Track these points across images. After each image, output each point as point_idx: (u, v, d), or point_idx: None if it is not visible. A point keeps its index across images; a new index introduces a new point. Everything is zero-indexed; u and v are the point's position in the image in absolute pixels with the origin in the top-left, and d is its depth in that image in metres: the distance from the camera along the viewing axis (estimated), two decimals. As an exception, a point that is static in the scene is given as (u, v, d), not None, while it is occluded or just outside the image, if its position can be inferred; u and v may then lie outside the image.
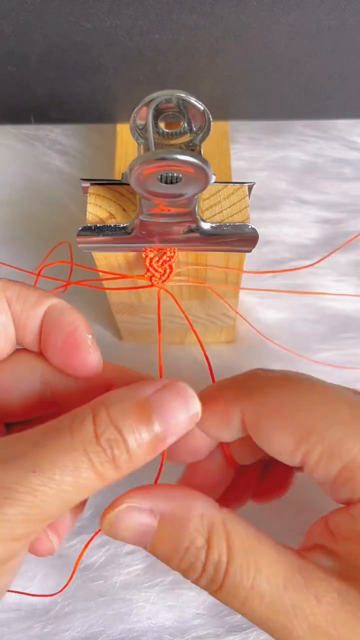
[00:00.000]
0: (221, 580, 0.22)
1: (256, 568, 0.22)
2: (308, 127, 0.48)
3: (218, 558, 0.22)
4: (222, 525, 0.23)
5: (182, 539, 0.23)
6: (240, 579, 0.22)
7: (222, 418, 0.26)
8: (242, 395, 0.25)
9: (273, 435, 0.24)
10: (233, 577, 0.22)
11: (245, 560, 0.22)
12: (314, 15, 0.33)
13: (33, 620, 0.35)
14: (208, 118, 0.27)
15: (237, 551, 0.23)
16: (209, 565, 0.23)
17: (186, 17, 0.33)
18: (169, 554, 0.23)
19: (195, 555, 0.23)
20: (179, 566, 0.23)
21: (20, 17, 0.33)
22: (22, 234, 0.46)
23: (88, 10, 0.32)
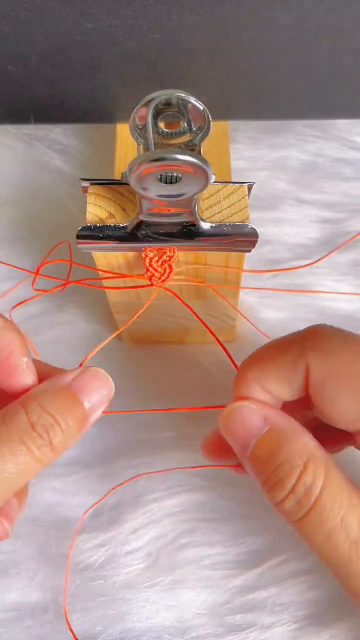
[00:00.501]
0: (310, 506, 0.23)
1: (350, 504, 0.23)
2: (308, 127, 0.48)
3: (312, 482, 0.23)
4: (323, 458, 0.24)
5: (282, 452, 0.23)
6: (332, 509, 0.22)
7: (285, 372, 0.25)
8: (309, 350, 0.25)
9: (339, 397, 0.24)
10: (324, 506, 0.22)
11: (340, 494, 0.23)
12: (314, 15, 0.33)
13: (33, 620, 0.35)
14: (208, 118, 0.27)
15: (333, 483, 0.23)
16: (300, 487, 0.23)
17: (186, 17, 0.33)
18: (265, 462, 0.24)
19: (288, 472, 0.23)
20: (268, 480, 0.23)
21: (20, 17, 0.33)
22: (22, 234, 0.46)
23: (88, 10, 0.32)
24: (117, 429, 0.40)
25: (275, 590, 0.35)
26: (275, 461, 0.23)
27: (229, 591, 0.36)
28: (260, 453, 0.24)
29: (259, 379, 0.26)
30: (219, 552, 0.37)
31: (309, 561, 0.36)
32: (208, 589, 0.36)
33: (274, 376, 0.26)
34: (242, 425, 0.25)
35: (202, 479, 0.38)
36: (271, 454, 0.24)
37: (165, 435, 0.40)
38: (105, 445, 0.40)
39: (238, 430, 0.25)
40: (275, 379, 0.26)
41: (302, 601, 0.35)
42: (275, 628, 0.35)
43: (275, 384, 0.26)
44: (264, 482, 0.24)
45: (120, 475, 0.39)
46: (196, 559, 0.36)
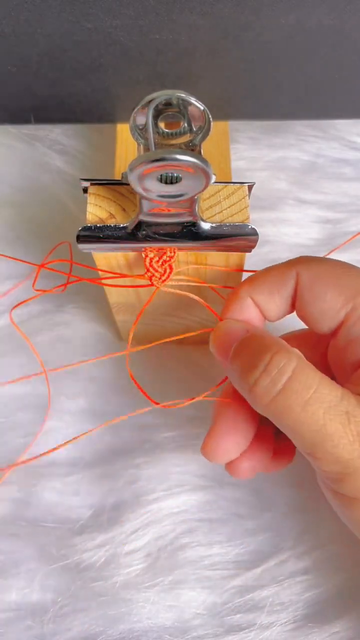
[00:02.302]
0: (284, 382, 0.25)
1: (321, 378, 0.25)
2: (308, 127, 0.48)
3: (285, 362, 0.25)
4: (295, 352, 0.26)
5: (257, 342, 0.27)
6: (306, 382, 0.25)
7: (277, 281, 0.28)
8: (299, 263, 0.29)
9: (325, 293, 0.28)
10: (298, 380, 0.25)
11: (312, 371, 0.25)
12: (314, 15, 0.33)
13: (33, 620, 0.35)
14: (208, 118, 0.27)
15: (305, 364, 0.26)
16: (273, 365, 0.25)
17: (186, 17, 0.33)
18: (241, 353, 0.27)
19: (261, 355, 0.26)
20: (244, 366, 0.26)
21: (20, 17, 0.33)
22: (23, 234, 0.46)
23: (88, 10, 0.32)
24: (117, 429, 0.40)
25: (274, 590, 0.35)
26: (252, 349, 0.26)
27: (228, 591, 0.36)
28: (238, 348, 0.27)
29: (251, 291, 0.29)
30: (218, 552, 0.37)
31: (307, 561, 0.36)
32: (208, 588, 0.36)
33: (265, 288, 0.29)
34: (226, 335, 0.28)
35: (202, 479, 0.38)
36: (247, 345, 0.27)
37: (165, 435, 0.40)
38: (105, 445, 0.40)
39: (223, 339, 0.28)
40: (266, 291, 0.29)
41: (301, 600, 0.35)
42: (275, 627, 0.35)
43: (265, 296, 0.29)
44: (240, 370, 0.26)
45: (120, 475, 0.39)
46: (196, 559, 0.37)
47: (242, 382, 0.26)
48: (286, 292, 0.29)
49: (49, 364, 0.41)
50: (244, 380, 0.26)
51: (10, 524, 0.38)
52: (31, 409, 0.41)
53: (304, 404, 0.25)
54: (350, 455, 0.24)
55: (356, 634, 0.34)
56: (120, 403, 0.41)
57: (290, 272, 0.28)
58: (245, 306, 0.29)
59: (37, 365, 0.40)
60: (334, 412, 0.25)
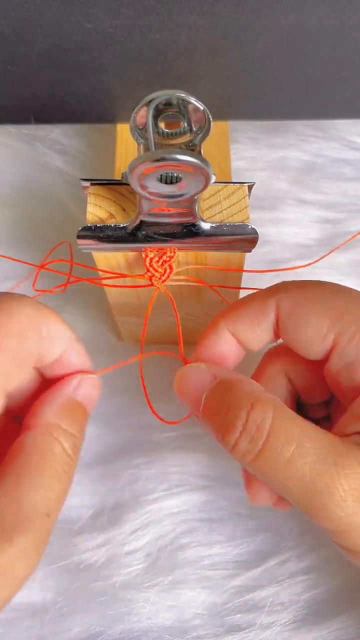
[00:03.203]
0: (264, 440, 0.24)
1: (301, 432, 0.24)
2: (308, 127, 0.48)
3: (262, 418, 0.24)
4: (270, 398, 0.25)
5: (229, 397, 0.25)
6: (286, 438, 0.23)
7: (257, 312, 0.27)
8: (279, 291, 0.27)
9: (309, 318, 0.26)
10: (277, 436, 0.23)
11: (291, 423, 0.24)
12: (314, 15, 0.33)
13: (33, 620, 0.35)
14: (208, 118, 0.27)
15: (283, 416, 0.24)
16: (250, 424, 0.24)
17: (186, 17, 0.33)
18: (214, 410, 0.25)
19: (237, 413, 0.24)
20: (220, 426, 0.25)
21: (20, 17, 0.33)
22: (22, 234, 0.46)
23: (88, 10, 0.32)
24: (117, 429, 0.40)
25: (274, 590, 0.35)
26: (224, 406, 0.25)
27: (228, 591, 0.36)
28: (209, 403, 0.26)
29: (230, 323, 0.28)
30: (218, 552, 0.37)
31: (307, 561, 0.36)
32: (207, 588, 0.36)
33: (245, 320, 0.28)
34: (192, 383, 0.27)
35: (202, 479, 0.38)
36: (219, 401, 0.25)
37: (165, 435, 0.40)
38: (105, 445, 0.40)
39: (190, 388, 0.27)
40: (245, 323, 0.28)
41: (301, 600, 0.35)
42: (275, 627, 0.35)
43: (244, 327, 0.28)
44: (217, 430, 0.25)
45: (120, 475, 0.39)
46: (196, 559, 0.36)
47: (219, 442, 0.25)
48: (267, 323, 0.28)
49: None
50: (221, 441, 0.25)
51: (10, 524, 0.38)
52: (31, 409, 0.41)
53: (287, 462, 0.23)
54: (344, 512, 0.23)
55: (356, 634, 0.34)
56: (120, 403, 0.41)
57: (269, 301, 0.27)
58: (223, 339, 0.28)
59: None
60: (320, 466, 0.23)
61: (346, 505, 0.23)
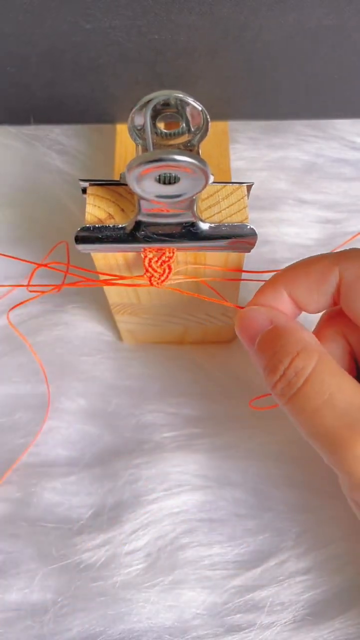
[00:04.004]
0: (299, 385, 0.25)
1: (338, 387, 0.25)
2: (308, 127, 0.48)
3: (302, 366, 0.25)
4: (317, 349, 0.26)
5: (279, 341, 0.27)
6: (320, 388, 0.25)
7: (319, 277, 0.28)
8: (343, 258, 0.28)
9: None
10: (312, 385, 0.25)
11: (329, 377, 0.25)
12: (314, 15, 0.33)
13: (33, 620, 0.35)
14: (206, 118, 0.27)
15: (323, 368, 0.25)
16: (291, 370, 0.25)
17: (185, 17, 0.33)
18: (265, 350, 0.27)
19: (282, 358, 0.26)
20: (266, 366, 0.27)
21: (20, 17, 0.33)
22: (22, 234, 0.46)
23: (87, 11, 0.32)
24: (117, 429, 0.40)
25: (274, 590, 0.35)
26: (273, 348, 0.26)
27: (228, 591, 0.36)
28: (262, 344, 0.27)
29: (288, 285, 0.28)
30: (218, 552, 0.37)
31: (307, 561, 0.36)
32: (208, 588, 0.36)
33: (304, 284, 0.28)
34: (251, 323, 0.28)
35: (202, 479, 0.38)
36: (271, 344, 0.27)
37: (165, 435, 0.40)
38: (105, 445, 0.40)
39: (248, 327, 0.28)
40: (304, 287, 0.28)
41: (301, 600, 0.35)
42: (275, 627, 0.35)
43: (303, 291, 0.28)
44: (264, 367, 0.27)
45: (120, 475, 0.39)
46: (196, 559, 0.37)
47: (266, 378, 0.27)
48: (328, 290, 0.28)
49: (49, 364, 0.41)
50: (267, 378, 0.27)
51: (10, 524, 0.38)
52: (31, 409, 0.41)
53: (314, 410, 0.25)
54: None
55: (357, 633, 0.34)
56: (120, 403, 0.41)
57: (333, 269, 0.28)
58: (279, 299, 0.29)
59: (36, 365, 0.40)
60: (345, 420, 0.24)
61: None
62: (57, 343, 0.43)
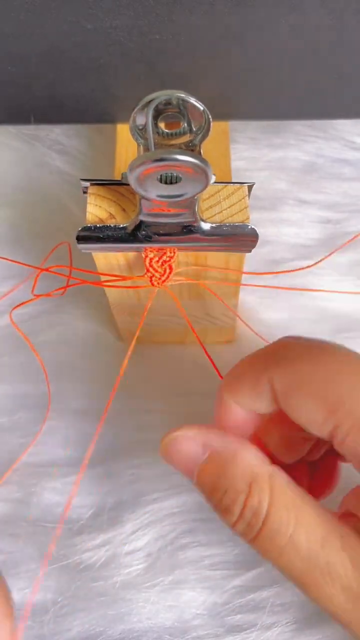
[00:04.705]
0: (259, 527, 0.23)
1: (296, 522, 0.23)
2: (308, 127, 0.48)
3: (258, 505, 0.23)
4: (267, 477, 0.24)
5: (225, 478, 0.24)
6: (279, 529, 0.23)
7: (252, 388, 0.25)
8: (272, 364, 0.25)
9: (302, 406, 0.24)
10: (271, 526, 0.23)
11: (286, 512, 0.23)
12: (314, 15, 0.33)
13: (33, 620, 0.35)
14: (208, 118, 0.27)
15: (278, 503, 0.23)
16: (247, 511, 0.23)
17: (186, 17, 0.33)
18: (210, 489, 0.24)
19: (234, 498, 0.23)
20: (217, 506, 0.24)
21: (20, 17, 0.33)
22: (22, 234, 0.46)
23: (88, 11, 0.32)
24: (117, 429, 0.40)
25: (275, 590, 0.35)
26: (220, 488, 0.24)
27: (229, 591, 0.36)
28: (204, 481, 0.24)
29: (233, 396, 0.26)
30: (218, 552, 0.37)
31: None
32: (208, 589, 0.36)
33: (245, 392, 0.26)
34: (181, 454, 0.25)
35: (202, 479, 0.38)
36: (214, 481, 0.24)
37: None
38: (105, 445, 0.40)
39: (177, 461, 0.25)
40: (246, 395, 0.26)
41: (302, 601, 0.35)
42: (276, 628, 0.35)
43: (247, 399, 0.26)
44: (214, 507, 0.24)
45: (120, 475, 0.39)
46: (196, 558, 0.36)
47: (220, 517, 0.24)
48: (266, 396, 0.26)
49: (49, 364, 0.41)
50: (221, 517, 0.24)
51: (10, 524, 0.38)
52: (31, 409, 0.41)
53: (279, 552, 0.23)
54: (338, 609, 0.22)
55: (356, 634, 0.34)
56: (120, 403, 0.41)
57: (262, 378, 0.25)
58: (232, 412, 0.27)
59: (37, 365, 0.40)
60: (313, 562, 0.22)
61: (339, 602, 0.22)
62: (57, 343, 0.43)
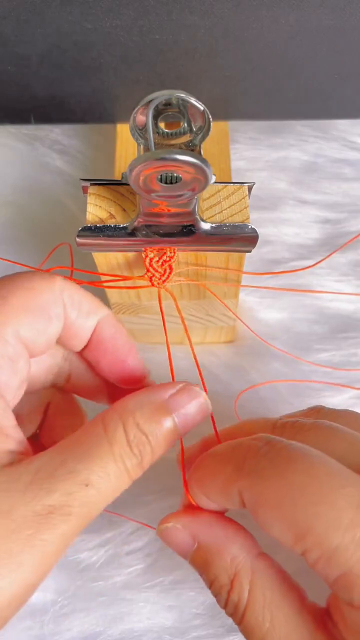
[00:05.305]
0: (239, 619, 0.24)
1: (271, 624, 0.24)
2: (308, 127, 0.48)
3: (237, 601, 0.24)
4: (249, 572, 0.25)
5: (212, 568, 0.25)
6: (255, 625, 0.24)
7: (222, 493, 0.25)
8: (242, 476, 0.24)
9: (271, 526, 0.23)
10: (248, 621, 0.24)
11: (262, 613, 0.24)
12: (314, 15, 0.33)
13: (33, 620, 0.35)
14: (208, 118, 0.27)
15: (255, 602, 0.24)
16: (230, 603, 0.25)
17: (186, 17, 0.33)
18: (201, 574, 0.26)
19: (219, 590, 0.25)
20: (209, 587, 0.26)
21: (20, 17, 0.33)
22: (22, 234, 0.46)
23: (88, 11, 0.32)
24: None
25: (275, 590, 0.35)
26: (208, 577, 0.25)
27: (229, 591, 0.36)
28: (196, 566, 0.26)
29: (203, 491, 0.26)
30: (218, 552, 0.37)
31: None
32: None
33: (214, 491, 0.26)
34: (174, 543, 0.26)
35: (202, 479, 0.38)
36: (203, 570, 0.26)
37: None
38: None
39: (173, 547, 0.27)
40: (215, 494, 0.26)
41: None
42: (275, 628, 0.35)
43: (216, 497, 0.26)
44: (207, 586, 0.26)
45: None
46: (196, 559, 0.37)
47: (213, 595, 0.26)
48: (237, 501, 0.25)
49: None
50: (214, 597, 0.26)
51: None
52: (31, 409, 0.41)
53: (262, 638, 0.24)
54: None
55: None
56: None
57: (232, 488, 0.24)
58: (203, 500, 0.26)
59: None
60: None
61: None
62: (57, 343, 0.43)
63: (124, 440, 0.23)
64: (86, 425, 0.23)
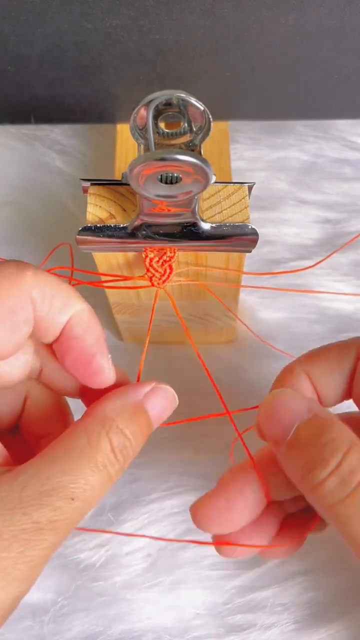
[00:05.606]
0: (354, 485, 0.22)
1: None
2: (308, 127, 0.48)
3: (356, 463, 0.22)
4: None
5: (327, 434, 0.23)
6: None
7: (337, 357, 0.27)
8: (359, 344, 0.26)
9: None
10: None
11: None
12: (314, 15, 0.33)
13: (33, 620, 0.35)
14: (208, 118, 0.27)
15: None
16: (345, 465, 0.22)
17: (186, 17, 0.33)
18: (307, 443, 0.23)
19: (333, 451, 0.23)
20: (309, 460, 0.23)
21: (20, 17, 0.33)
22: (22, 234, 0.46)
23: (88, 11, 0.32)
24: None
25: (275, 590, 0.35)
26: (319, 441, 0.23)
27: (229, 591, 0.36)
28: (303, 435, 0.24)
29: (307, 366, 0.26)
30: (218, 552, 0.37)
31: (308, 561, 0.36)
32: (208, 589, 0.36)
33: (323, 364, 0.26)
34: (286, 408, 0.24)
35: (202, 479, 0.38)
36: (315, 435, 0.23)
37: (164, 435, 0.40)
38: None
39: (281, 413, 0.24)
40: (324, 368, 0.26)
41: (301, 601, 0.35)
42: (275, 628, 0.35)
43: (321, 375, 0.26)
44: (303, 463, 0.23)
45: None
46: (196, 559, 0.36)
47: (304, 477, 0.23)
48: (345, 370, 0.26)
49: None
50: (306, 476, 0.23)
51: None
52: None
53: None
54: None
55: (356, 634, 0.34)
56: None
57: (350, 348, 0.26)
58: (301, 384, 0.26)
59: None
60: None
61: None
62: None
63: (108, 447, 0.23)
64: (69, 435, 0.23)
